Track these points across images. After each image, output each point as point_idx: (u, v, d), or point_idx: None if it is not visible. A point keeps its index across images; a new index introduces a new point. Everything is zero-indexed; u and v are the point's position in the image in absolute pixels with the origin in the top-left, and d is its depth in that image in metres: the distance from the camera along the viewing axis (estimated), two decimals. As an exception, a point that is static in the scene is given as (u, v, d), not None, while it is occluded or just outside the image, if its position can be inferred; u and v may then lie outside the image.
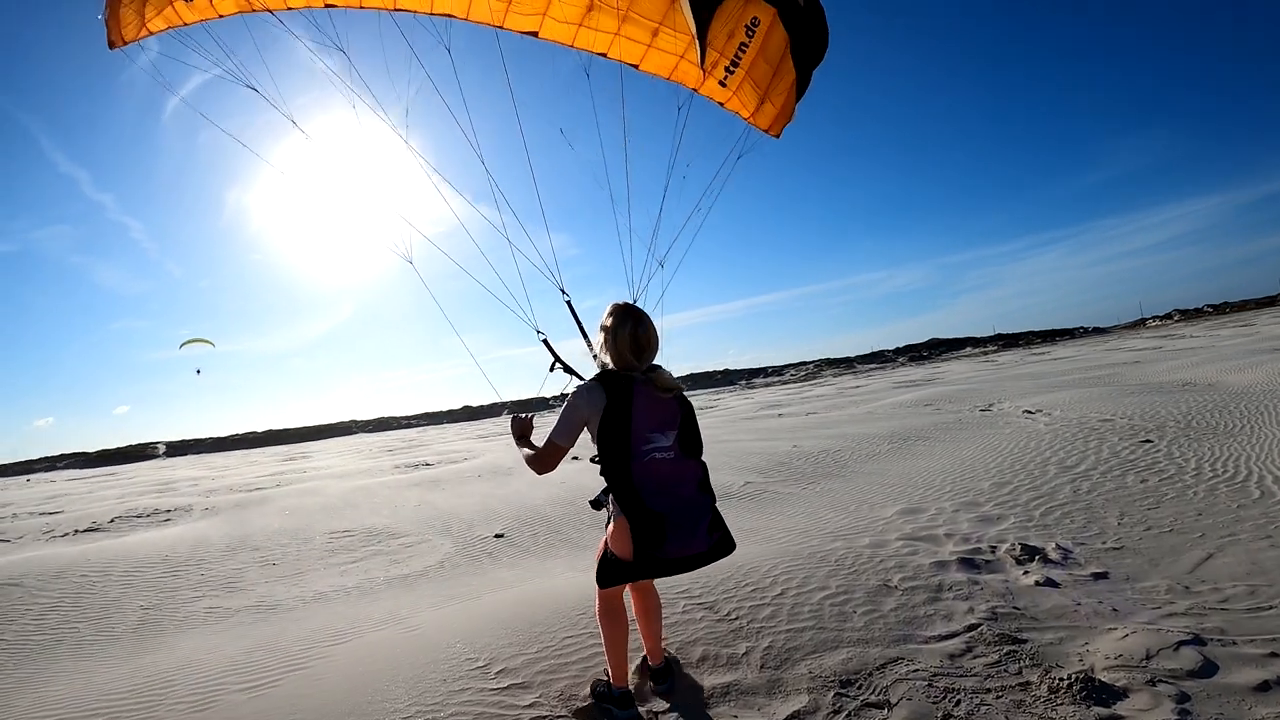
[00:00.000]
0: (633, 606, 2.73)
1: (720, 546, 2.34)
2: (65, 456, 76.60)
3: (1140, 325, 71.39)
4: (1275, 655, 2.54)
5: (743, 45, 3.34)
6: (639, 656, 2.85)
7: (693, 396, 26.59)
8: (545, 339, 3.10)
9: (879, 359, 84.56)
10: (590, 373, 2.58)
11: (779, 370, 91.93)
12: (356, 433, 79.35)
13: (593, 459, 2.40)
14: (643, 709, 2.55)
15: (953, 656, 2.73)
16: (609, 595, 2.53)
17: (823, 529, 4.95)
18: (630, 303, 2.50)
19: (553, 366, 2.95)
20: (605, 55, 3.68)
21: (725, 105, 3.68)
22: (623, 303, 2.48)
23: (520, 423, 2.62)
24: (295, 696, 2.89)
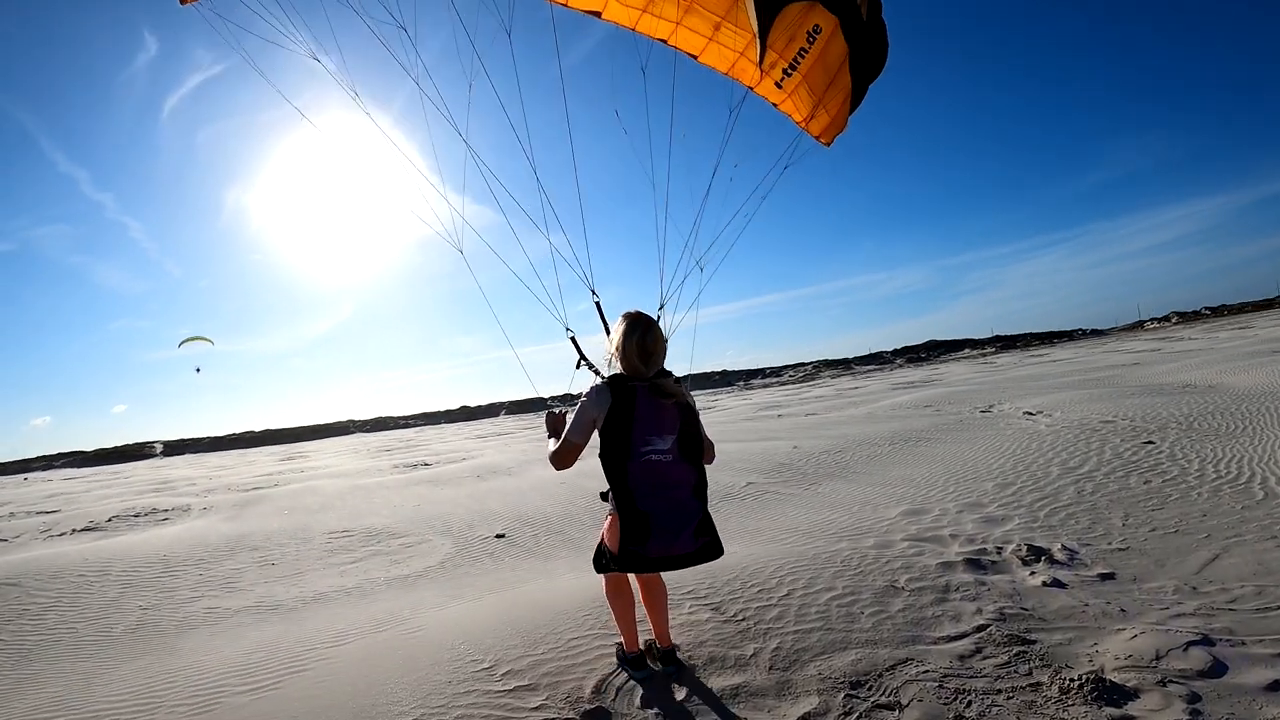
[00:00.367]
0: (639, 592, 2.87)
1: (706, 551, 2.50)
2: (62, 456, 76.39)
3: (1139, 327, 71.59)
4: (1286, 656, 2.52)
5: (802, 50, 3.38)
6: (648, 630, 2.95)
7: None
8: (573, 336, 3.23)
9: (877, 360, 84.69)
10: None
11: (777, 371, 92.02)
12: (354, 433, 79.22)
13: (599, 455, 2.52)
14: (651, 711, 2.53)
15: (962, 657, 2.71)
16: (612, 579, 2.75)
17: (827, 530, 4.93)
18: (640, 311, 2.61)
19: (578, 364, 3.05)
20: (666, 42, 3.71)
21: (779, 106, 3.74)
22: (634, 311, 2.59)
23: (554, 418, 2.78)
24: (297, 698, 2.86)
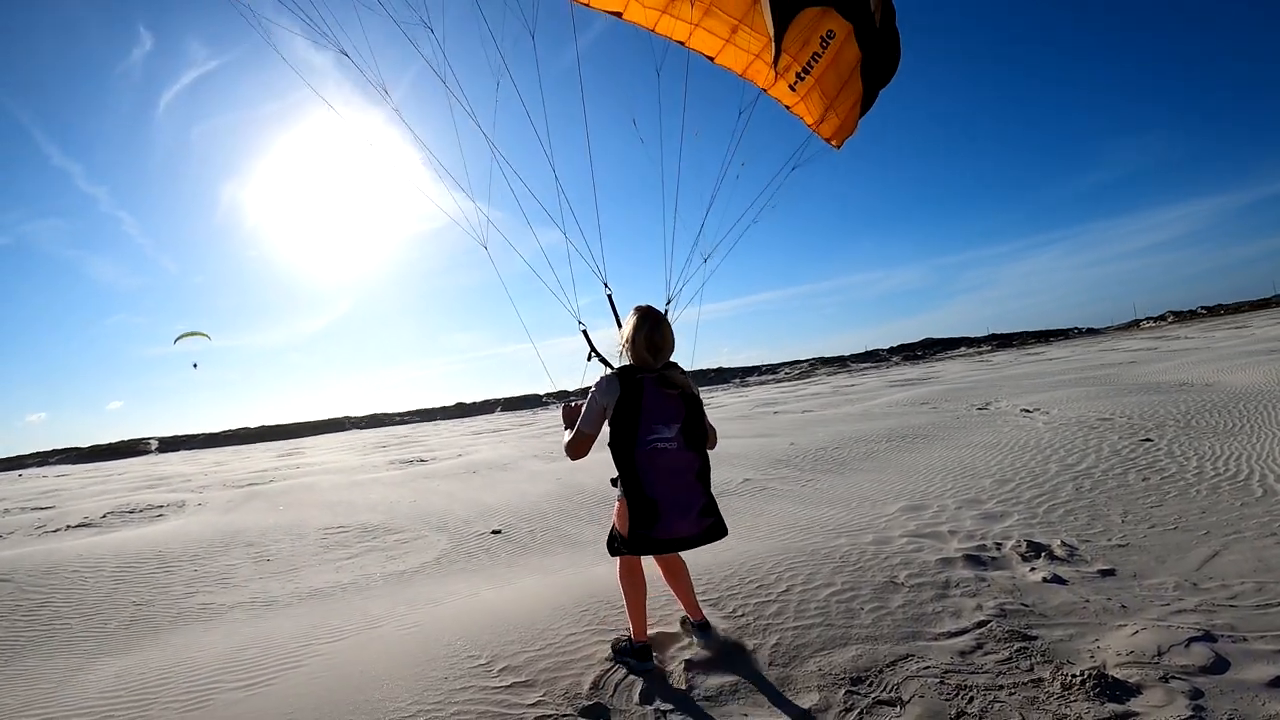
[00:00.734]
0: (661, 575, 2.95)
1: (712, 531, 2.62)
2: (57, 452, 76.09)
3: (1135, 326, 71.83)
4: (1288, 652, 2.51)
5: (816, 55, 3.45)
6: (656, 617, 3.12)
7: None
8: (585, 329, 3.31)
9: (873, 358, 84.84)
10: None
11: (773, 369, 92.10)
12: (350, 429, 79.10)
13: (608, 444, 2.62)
14: (650, 708, 2.51)
15: (963, 653, 2.70)
16: (625, 561, 2.79)
17: (825, 526, 4.91)
18: (650, 306, 2.71)
19: (589, 357, 3.12)
20: (684, 44, 3.80)
21: (791, 109, 3.81)
22: (645, 306, 2.71)
23: (570, 410, 2.85)
24: (292, 695, 2.82)
